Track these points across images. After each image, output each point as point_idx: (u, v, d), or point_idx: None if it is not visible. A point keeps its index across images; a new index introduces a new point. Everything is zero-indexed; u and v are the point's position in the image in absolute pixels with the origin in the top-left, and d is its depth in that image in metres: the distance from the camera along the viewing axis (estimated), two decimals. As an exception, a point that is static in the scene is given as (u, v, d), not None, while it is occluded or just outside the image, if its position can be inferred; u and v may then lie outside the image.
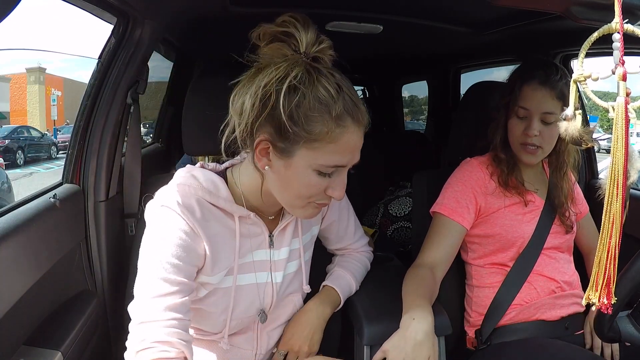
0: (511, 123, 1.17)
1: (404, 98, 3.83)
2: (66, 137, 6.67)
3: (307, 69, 0.72)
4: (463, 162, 1.24)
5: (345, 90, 0.74)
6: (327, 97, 0.72)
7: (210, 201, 0.82)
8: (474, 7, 1.32)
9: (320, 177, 0.76)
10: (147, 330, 0.72)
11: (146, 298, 0.75)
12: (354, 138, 0.75)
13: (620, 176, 0.57)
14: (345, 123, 0.73)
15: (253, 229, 0.89)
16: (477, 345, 1.18)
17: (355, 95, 0.76)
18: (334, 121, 0.72)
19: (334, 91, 0.72)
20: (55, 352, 0.91)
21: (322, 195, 0.79)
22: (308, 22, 0.75)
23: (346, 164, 0.77)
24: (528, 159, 1.15)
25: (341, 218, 1.07)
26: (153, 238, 0.79)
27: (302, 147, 0.73)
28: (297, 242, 0.96)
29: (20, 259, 0.89)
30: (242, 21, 1.42)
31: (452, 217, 1.14)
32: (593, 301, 0.63)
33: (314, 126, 0.72)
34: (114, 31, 1.16)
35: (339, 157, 0.75)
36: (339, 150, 0.74)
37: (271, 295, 0.93)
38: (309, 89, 0.71)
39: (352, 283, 1.08)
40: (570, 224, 1.21)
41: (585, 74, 0.58)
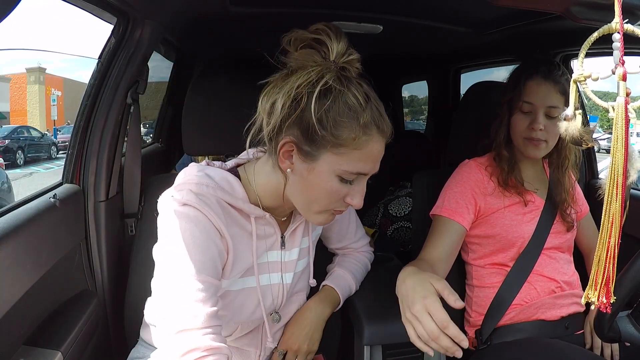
0: (515, 119, 1.17)
1: (404, 98, 3.82)
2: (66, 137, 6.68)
3: (338, 76, 0.74)
4: (461, 164, 1.24)
5: (373, 101, 0.76)
6: (356, 105, 0.73)
7: (228, 201, 0.81)
8: (474, 7, 1.32)
9: (341, 184, 0.77)
10: (192, 339, 0.70)
11: (183, 302, 0.72)
12: (378, 147, 0.76)
13: (620, 176, 0.57)
14: (372, 132, 0.74)
15: (267, 230, 0.89)
16: (477, 345, 1.18)
17: (381, 106, 0.77)
18: (361, 128, 0.73)
19: (363, 100, 0.74)
20: (55, 352, 0.91)
21: (341, 202, 0.80)
22: (341, 33, 0.76)
23: (368, 172, 0.78)
24: (533, 152, 1.15)
25: (342, 217, 1.07)
26: (179, 238, 0.75)
27: (328, 151, 0.74)
28: (306, 240, 0.97)
29: (20, 259, 0.88)
30: (242, 21, 1.43)
31: (452, 217, 1.14)
32: (592, 300, 0.63)
33: (342, 131, 0.73)
34: (114, 31, 1.16)
35: (362, 164, 0.76)
36: (363, 157, 0.75)
37: (281, 296, 0.94)
38: (339, 95, 0.72)
39: (351, 283, 1.08)
40: (571, 222, 1.21)
41: (585, 74, 0.58)
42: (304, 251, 0.97)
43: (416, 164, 2.24)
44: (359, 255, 1.14)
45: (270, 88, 0.77)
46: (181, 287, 0.73)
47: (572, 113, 0.62)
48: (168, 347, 0.72)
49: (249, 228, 0.85)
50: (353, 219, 1.11)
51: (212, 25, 1.50)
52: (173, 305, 0.73)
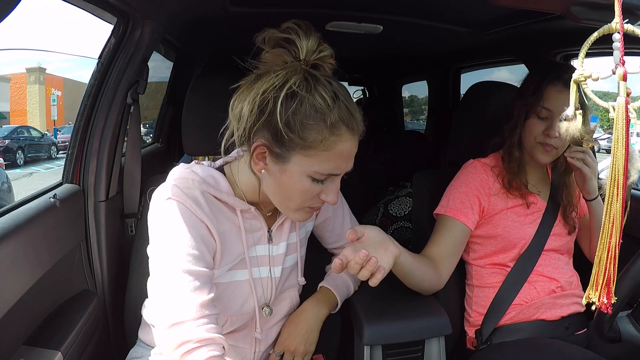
0: (530, 123, 1.15)
1: (404, 98, 3.83)
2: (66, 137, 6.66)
3: (305, 77, 0.74)
4: (466, 164, 1.23)
5: (342, 99, 0.75)
6: (323, 106, 0.73)
7: (213, 194, 0.83)
8: (474, 7, 1.32)
9: (314, 183, 0.78)
10: (185, 331, 0.72)
11: (174, 295, 0.74)
12: (348, 146, 0.76)
13: (620, 176, 0.57)
14: (340, 132, 0.74)
15: (254, 224, 0.90)
16: (477, 345, 1.18)
17: (351, 103, 0.77)
18: (328, 129, 0.73)
19: (330, 100, 0.74)
20: (55, 352, 0.91)
21: (316, 199, 0.81)
22: (310, 29, 0.76)
23: (340, 172, 0.79)
24: (543, 157, 1.14)
25: (336, 215, 1.08)
26: (165, 232, 0.78)
27: (298, 153, 0.75)
28: (294, 236, 0.98)
29: (20, 259, 0.88)
30: (242, 21, 1.43)
31: (457, 218, 1.14)
32: (593, 300, 0.63)
33: (309, 134, 0.73)
34: (114, 31, 1.16)
35: (333, 164, 0.76)
36: (333, 157, 0.76)
37: (271, 290, 0.94)
38: (305, 97, 0.73)
39: (349, 283, 1.08)
40: (573, 225, 1.21)
41: (585, 74, 0.58)
42: (292, 246, 0.98)
43: (416, 164, 2.25)
44: None
45: (239, 94, 0.78)
46: (171, 280, 0.75)
47: (572, 113, 0.62)
48: (163, 341, 0.73)
49: (236, 221, 0.87)
50: (347, 218, 1.11)
51: (212, 25, 1.50)
52: (165, 299, 0.75)
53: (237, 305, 0.90)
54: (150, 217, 0.82)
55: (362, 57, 2.60)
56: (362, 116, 0.78)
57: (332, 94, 0.74)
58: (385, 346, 1.02)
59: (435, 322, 1.05)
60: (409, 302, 1.11)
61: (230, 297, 0.88)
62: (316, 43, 0.76)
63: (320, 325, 1.01)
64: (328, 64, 0.78)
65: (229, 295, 0.88)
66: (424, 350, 1.04)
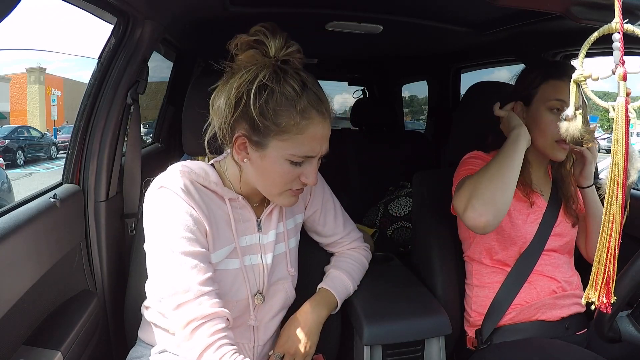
0: (547, 120, 1.10)
1: (404, 98, 3.82)
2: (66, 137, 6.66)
3: (275, 70, 0.81)
4: (470, 156, 1.20)
5: (310, 87, 0.82)
6: (292, 94, 0.80)
7: (202, 183, 0.89)
8: (474, 7, 1.32)
9: (292, 166, 0.84)
10: (189, 310, 0.79)
11: (173, 278, 0.81)
12: (319, 129, 0.82)
13: (620, 176, 0.57)
14: (310, 115, 0.81)
15: (243, 214, 0.95)
16: (477, 345, 1.18)
17: (319, 91, 0.84)
18: (299, 114, 0.80)
19: (299, 88, 0.81)
20: (55, 352, 0.91)
21: (297, 182, 0.86)
22: (276, 30, 0.83)
23: (315, 154, 0.84)
24: (561, 154, 1.12)
25: (326, 208, 1.09)
26: (158, 219, 0.84)
27: (274, 139, 0.82)
28: (281, 226, 1.01)
29: (20, 259, 0.88)
30: (242, 21, 1.42)
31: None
32: (592, 300, 0.63)
33: (282, 119, 0.80)
34: (114, 31, 1.16)
35: (307, 147, 0.82)
36: (306, 140, 0.82)
37: (263, 276, 0.97)
38: (275, 88, 0.80)
39: (348, 283, 1.08)
40: (576, 216, 1.22)
41: (585, 74, 0.58)
42: (280, 236, 1.00)
43: (416, 164, 2.25)
44: (354, 254, 1.14)
45: (217, 91, 0.86)
46: (169, 264, 0.82)
47: (572, 113, 0.62)
48: (173, 322, 0.82)
49: (226, 209, 0.92)
50: (339, 212, 1.12)
51: (212, 25, 1.50)
52: (166, 283, 0.82)
53: (230, 293, 0.92)
54: (145, 206, 0.87)
55: (362, 57, 2.60)
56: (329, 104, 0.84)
57: (300, 83, 0.81)
58: (385, 346, 1.02)
59: (435, 322, 1.05)
60: (409, 302, 1.11)
61: (223, 285, 0.90)
62: (283, 41, 0.83)
63: (321, 327, 1.01)
64: (297, 59, 0.84)
65: (222, 283, 0.90)
66: (424, 350, 1.04)
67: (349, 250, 1.15)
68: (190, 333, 0.79)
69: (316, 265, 1.13)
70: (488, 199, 0.98)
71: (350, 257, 1.13)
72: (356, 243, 1.16)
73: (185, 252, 0.81)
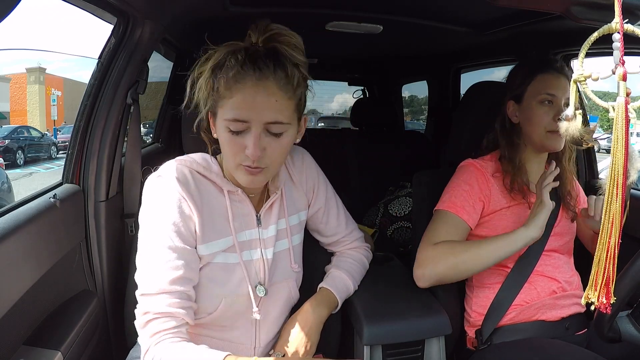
0: (537, 114, 1.14)
1: (404, 98, 3.82)
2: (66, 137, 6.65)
3: (225, 55, 0.83)
4: (465, 164, 1.22)
5: (247, 58, 0.82)
6: (231, 64, 0.82)
7: (203, 173, 0.91)
8: (474, 7, 1.32)
9: (233, 135, 0.83)
10: (149, 302, 0.82)
11: (147, 268, 0.84)
12: (251, 92, 0.81)
13: (620, 176, 0.57)
14: (244, 79, 0.81)
15: (242, 208, 0.95)
16: (477, 345, 1.18)
17: (259, 60, 0.82)
18: (233, 79, 0.81)
19: (242, 60, 0.81)
20: (55, 352, 0.91)
21: (242, 156, 0.84)
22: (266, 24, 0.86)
23: (246, 119, 0.82)
24: (557, 143, 1.14)
25: (329, 206, 1.10)
26: (149, 208, 0.87)
27: (219, 107, 0.84)
28: (283, 222, 1.00)
29: (20, 259, 0.89)
30: (242, 21, 1.42)
31: (460, 215, 1.13)
32: (592, 300, 0.63)
33: (220, 85, 0.82)
34: (114, 31, 1.16)
35: (236, 111, 0.81)
36: (235, 104, 0.81)
37: (263, 271, 0.96)
38: (222, 65, 0.83)
39: (349, 283, 1.08)
40: (574, 210, 1.22)
41: (585, 74, 0.58)
42: (283, 232, 1.00)
43: (416, 164, 2.24)
44: (355, 253, 1.14)
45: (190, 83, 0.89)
46: (148, 253, 0.85)
47: (572, 113, 0.62)
48: (137, 307, 0.84)
49: (224, 202, 0.92)
50: (341, 211, 1.13)
51: (213, 25, 1.50)
52: (141, 269, 0.85)
53: (231, 287, 0.92)
54: (143, 194, 0.90)
55: (362, 57, 2.60)
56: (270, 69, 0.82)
57: (243, 58, 0.82)
58: (385, 346, 1.02)
59: (435, 322, 1.05)
60: (409, 302, 1.11)
61: (224, 278, 0.91)
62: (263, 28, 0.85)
63: (321, 327, 1.01)
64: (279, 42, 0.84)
65: (222, 276, 0.91)
66: (424, 350, 1.04)
67: (350, 250, 1.15)
68: (144, 323, 0.83)
69: (317, 264, 1.13)
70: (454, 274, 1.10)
71: (351, 256, 1.13)
72: (357, 243, 1.16)
73: (163, 245, 0.84)
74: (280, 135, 0.84)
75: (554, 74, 1.15)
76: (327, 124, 8.99)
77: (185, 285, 0.84)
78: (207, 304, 0.90)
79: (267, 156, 0.84)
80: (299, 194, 1.04)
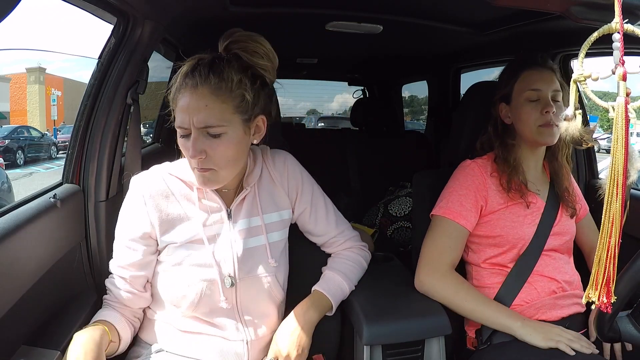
0: (525, 110, 1.16)
1: (404, 98, 3.82)
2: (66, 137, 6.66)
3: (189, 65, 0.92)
4: (463, 166, 1.23)
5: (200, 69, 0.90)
6: (181, 73, 0.92)
7: (173, 173, 0.99)
8: (474, 7, 1.32)
9: (183, 139, 0.92)
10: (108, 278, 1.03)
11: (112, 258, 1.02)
12: (187, 100, 0.90)
13: (620, 176, 0.57)
14: (184, 89, 0.90)
15: (212, 204, 1.00)
16: (477, 345, 1.17)
17: (196, 69, 0.90)
18: (177, 89, 0.91)
19: (190, 70, 0.91)
20: (55, 352, 0.91)
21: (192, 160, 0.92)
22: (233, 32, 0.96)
23: (185, 125, 0.90)
24: (550, 137, 1.15)
25: (316, 206, 1.10)
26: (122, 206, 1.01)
27: (175, 112, 0.93)
28: (258, 219, 1.03)
29: (20, 259, 0.89)
30: (242, 21, 1.43)
31: (458, 221, 1.15)
32: (593, 300, 0.63)
33: (172, 96, 0.93)
34: (114, 31, 1.16)
35: (179, 118, 0.91)
36: (178, 112, 0.91)
37: (232, 263, 0.99)
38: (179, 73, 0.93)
39: (344, 285, 1.08)
40: (573, 207, 1.23)
41: (585, 74, 0.59)
42: (258, 229, 1.02)
43: (416, 164, 2.24)
44: (350, 254, 1.14)
45: None
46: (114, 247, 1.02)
47: (572, 113, 0.62)
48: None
49: (193, 197, 0.99)
50: (331, 211, 1.13)
51: (213, 25, 1.50)
52: None
53: (200, 274, 0.97)
54: None
55: (362, 57, 2.60)
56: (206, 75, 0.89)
57: (192, 67, 0.91)
58: (385, 346, 1.02)
59: (435, 322, 1.05)
60: (409, 302, 1.11)
61: (192, 267, 0.97)
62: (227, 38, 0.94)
63: (313, 329, 1.02)
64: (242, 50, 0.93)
65: (191, 264, 0.97)
66: (424, 350, 1.04)
67: (345, 250, 1.15)
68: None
69: (312, 266, 1.13)
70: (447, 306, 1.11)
71: (345, 257, 1.13)
72: (351, 242, 1.15)
73: (123, 237, 0.99)
74: (218, 136, 0.90)
75: (537, 69, 1.17)
76: (327, 124, 8.99)
77: (137, 269, 0.99)
78: (178, 288, 0.98)
79: (210, 157, 0.90)
80: (279, 193, 1.07)
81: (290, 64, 2.74)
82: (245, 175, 1.02)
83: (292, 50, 2.35)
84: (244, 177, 1.02)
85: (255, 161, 1.04)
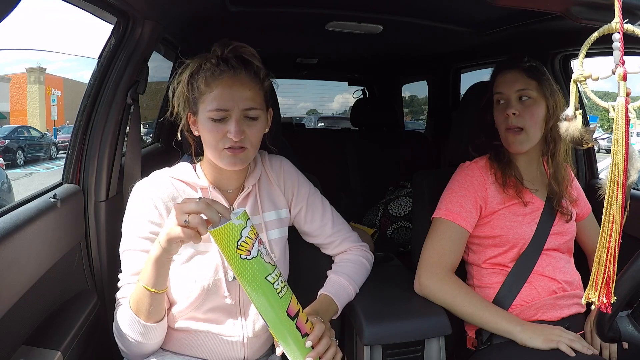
0: (495, 115, 1.21)
1: (404, 98, 3.82)
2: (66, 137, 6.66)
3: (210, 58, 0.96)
4: (461, 167, 1.24)
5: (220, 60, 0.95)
6: (207, 67, 0.95)
7: (177, 177, 1.02)
8: (474, 7, 1.32)
9: (215, 123, 0.94)
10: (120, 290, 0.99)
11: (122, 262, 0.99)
12: (229, 83, 0.94)
13: (620, 176, 0.57)
14: (222, 76, 0.94)
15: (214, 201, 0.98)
16: (477, 345, 1.18)
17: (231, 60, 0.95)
18: (212, 76, 0.94)
19: (210, 63, 0.95)
20: (55, 352, 0.91)
21: (225, 140, 0.95)
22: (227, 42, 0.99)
23: (227, 107, 0.93)
24: (514, 143, 1.16)
25: (312, 206, 1.12)
26: (127, 211, 1.00)
27: (200, 103, 0.95)
28: (258, 218, 1.06)
29: (20, 259, 0.89)
30: (242, 21, 1.43)
31: (458, 222, 1.15)
32: (592, 300, 0.63)
33: (201, 84, 0.95)
34: (114, 31, 1.17)
35: (218, 101, 0.94)
36: (217, 96, 0.94)
37: None
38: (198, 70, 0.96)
39: (349, 288, 1.08)
40: (568, 213, 1.22)
41: (585, 74, 0.59)
42: (258, 227, 1.03)
43: (416, 164, 2.25)
44: (352, 256, 1.14)
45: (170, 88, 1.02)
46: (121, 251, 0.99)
47: (572, 113, 0.62)
48: None
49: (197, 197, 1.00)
50: (328, 211, 1.14)
51: (212, 25, 1.50)
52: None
53: (205, 271, 0.98)
54: None
55: (362, 57, 2.60)
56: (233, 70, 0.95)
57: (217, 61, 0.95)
58: (385, 346, 1.02)
59: (435, 322, 1.05)
60: (409, 302, 1.11)
61: (197, 264, 0.99)
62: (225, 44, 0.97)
63: None
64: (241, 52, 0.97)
65: (196, 262, 0.99)
66: (424, 350, 1.04)
67: (346, 251, 1.15)
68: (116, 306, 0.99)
69: (316, 269, 1.13)
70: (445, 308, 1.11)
71: (349, 260, 1.14)
72: (349, 242, 1.16)
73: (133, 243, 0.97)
74: (256, 119, 0.96)
75: (503, 72, 1.20)
76: (327, 124, 8.98)
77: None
78: (184, 288, 0.98)
79: (247, 137, 0.95)
80: (277, 192, 1.11)
81: (290, 64, 2.74)
82: (247, 176, 1.06)
83: (292, 50, 2.35)
84: (245, 177, 1.05)
85: (255, 163, 1.08)
